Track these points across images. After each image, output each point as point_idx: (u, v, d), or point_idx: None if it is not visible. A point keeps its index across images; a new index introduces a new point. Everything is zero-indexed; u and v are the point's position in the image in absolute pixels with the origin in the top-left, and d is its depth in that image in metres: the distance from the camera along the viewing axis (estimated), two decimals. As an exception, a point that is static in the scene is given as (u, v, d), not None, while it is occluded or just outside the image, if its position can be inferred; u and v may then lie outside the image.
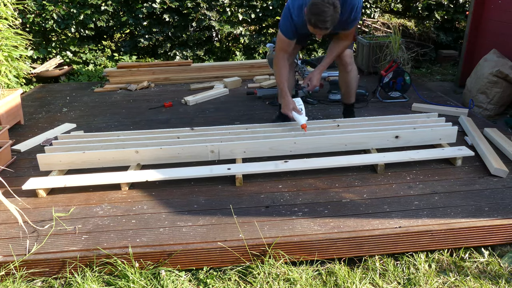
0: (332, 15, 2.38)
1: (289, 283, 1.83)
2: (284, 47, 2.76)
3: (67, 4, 5.14)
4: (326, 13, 2.36)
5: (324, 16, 2.37)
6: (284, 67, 2.78)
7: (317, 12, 2.38)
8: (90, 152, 2.54)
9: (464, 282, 1.83)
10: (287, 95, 2.75)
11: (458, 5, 5.55)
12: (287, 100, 2.75)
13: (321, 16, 2.38)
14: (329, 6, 2.36)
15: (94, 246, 1.91)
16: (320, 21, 2.40)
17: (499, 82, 3.70)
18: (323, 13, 2.36)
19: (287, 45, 2.74)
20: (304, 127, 2.69)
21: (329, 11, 2.36)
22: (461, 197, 2.22)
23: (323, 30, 2.44)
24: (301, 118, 2.73)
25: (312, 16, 2.40)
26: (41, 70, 5.15)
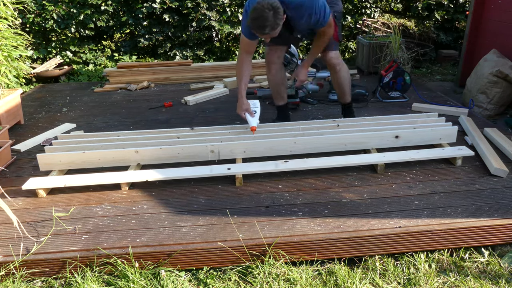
0: (272, 20, 2.37)
1: (289, 283, 1.83)
2: (245, 47, 2.75)
3: (67, 4, 5.13)
4: (264, 18, 2.36)
5: (262, 21, 2.37)
6: (243, 68, 2.76)
7: (255, 16, 2.39)
8: (90, 152, 2.54)
9: (464, 282, 1.83)
10: (241, 97, 2.74)
11: (458, 5, 5.55)
12: (241, 101, 2.74)
13: (258, 21, 2.38)
14: (268, 11, 2.35)
15: (94, 246, 1.91)
16: (258, 26, 2.41)
17: (499, 82, 3.70)
18: (261, 17, 2.37)
19: (247, 45, 2.73)
20: (253, 130, 2.69)
21: (268, 16, 2.36)
22: (461, 197, 2.22)
23: (264, 34, 2.45)
24: (252, 120, 2.73)
25: (251, 20, 2.42)
26: (41, 70, 5.15)
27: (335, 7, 2.87)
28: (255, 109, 2.80)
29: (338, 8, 2.93)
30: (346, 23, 5.54)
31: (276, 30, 2.46)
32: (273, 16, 2.38)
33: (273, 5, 2.38)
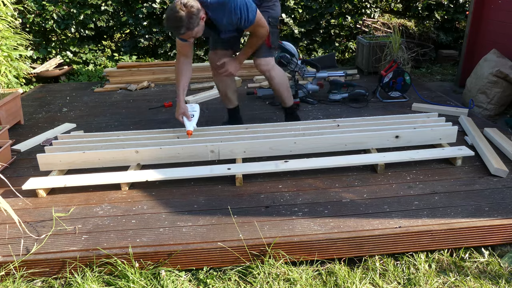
0: (185, 20, 2.33)
1: (289, 283, 1.83)
2: (181, 50, 2.70)
3: (67, 4, 5.13)
4: (177, 18, 2.32)
5: (175, 21, 2.33)
6: (180, 72, 2.72)
7: (168, 17, 2.35)
8: (90, 152, 2.54)
9: (464, 282, 1.83)
10: (179, 101, 2.72)
11: (458, 5, 5.55)
12: (178, 105, 2.72)
13: (171, 21, 2.35)
14: (181, 11, 2.32)
15: (94, 246, 1.91)
16: (171, 27, 2.37)
17: (499, 82, 3.70)
18: (174, 18, 2.33)
19: (181, 47, 2.68)
20: (189, 133, 2.68)
21: (181, 16, 2.32)
22: (461, 197, 2.22)
23: (180, 35, 2.41)
24: (188, 124, 2.72)
25: (165, 21, 2.38)
26: (41, 70, 5.15)
27: (270, 12, 2.81)
28: (193, 113, 2.78)
29: (274, 13, 2.85)
30: (346, 23, 5.55)
31: (194, 30, 2.42)
32: (186, 16, 2.33)
33: (186, 4, 2.33)
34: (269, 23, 2.77)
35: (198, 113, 2.83)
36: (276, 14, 2.89)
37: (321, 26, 5.58)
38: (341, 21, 5.50)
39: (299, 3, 5.39)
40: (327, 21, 5.55)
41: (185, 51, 2.72)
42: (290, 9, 5.39)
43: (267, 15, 2.78)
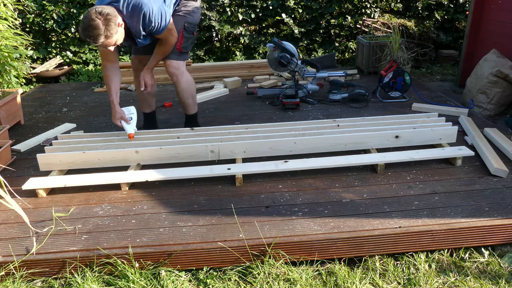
0: (102, 28, 2.29)
1: (289, 283, 1.83)
2: (105, 56, 2.66)
3: (67, 4, 5.14)
4: (94, 27, 2.28)
5: (92, 30, 2.28)
6: (110, 78, 2.68)
7: (84, 26, 2.29)
8: (90, 152, 2.54)
9: (464, 282, 1.83)
10: (114, 105, 2.68)
11: (458, 5, 5.55)
12: (114, 110, 2.68)
13: (88, 31, 2.29)
14: (97, 19, 2.27)
15: (94, 246, 1.91)
16: (88, 36, 2.31)
17: (499, 82, 3.70)
18: (91, 27, 2.28)
19: (105, 54, 2.63)
20: (131, 136, 2.66)
21: (98, 25, 2.27)
22: (461, 197, 2.22)
23: (99, 44, 2.36)
24: (128, 127, 2.69)
25: (81, 30, 2.32)
26: (41, 70, 5.15)
27: (188, 18, 2.80)
28: (130, 115, 2.75)
29: (192, 19, 2.83)
30: (346, 23, 5.55)
31: (113, 38, 2.37)
32: (103, 23, 2.29)
33: (102, 12, 2.29)
34: (185, 28, 2.79)
35: (135, 115, 2.77)
36: (194, 21, 2.87)
37: (321, 26, 5.58)
38: (341, 21, 5.50)
39: (299, 3, 5.39)
40: (327, 21, 5.55)
41: (110, 58, 2.66)
42: (290, 9, 5.39)
43: (184, 21, 2.78)
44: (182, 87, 2.95)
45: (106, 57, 2.67)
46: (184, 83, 2.95)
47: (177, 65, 2.88)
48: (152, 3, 2.47)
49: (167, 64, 2.86)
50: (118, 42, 2.47)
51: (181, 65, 2.90)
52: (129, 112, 2.76)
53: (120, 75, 2.75)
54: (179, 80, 2.92)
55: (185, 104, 3.08)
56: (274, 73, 4.70)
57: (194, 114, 3.16)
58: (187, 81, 2.97)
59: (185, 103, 3.07)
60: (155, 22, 2.52)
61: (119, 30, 2.42)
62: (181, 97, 3.02)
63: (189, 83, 2.98)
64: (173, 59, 2.85)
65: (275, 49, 3.83)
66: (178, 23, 2.76)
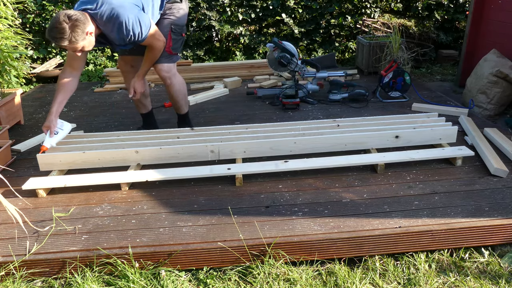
0: (68, 32, 2.27)
1: (289, 283, 1.83)
2: (69, 60, 2.61)
3: (67, 4, 5.13)
4: (59, 30, 2.26)
5: (57, 33, 2.27)
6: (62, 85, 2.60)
7: (50, 27, 2.29)
8: (90, 152, 2.54)
9: (464, 282, 1.83)
10: (50, 113, 2.57)
11: (458, 5, 5.55)
12: (48, 117, 2.58)
13: (53, 32, 2.28)
14: (64, 24, 2.26)
15: (94, 246, 1.91)
16: (53, 37, 2.30)
17: (499, 82, 3.70)
18: (56, 29, 2.27)
19: (71, 58, 2.59)
20: (42, 149, 2.54)
21: (64, 28, 2.26)
22: (461, 197, 2.22)
23: (63, 46, 2.34)
24: (47, 139, 2.58)
25: (47, 31, 2.32)
26: (41, 70, 5.15)
27: (174, 20, 2.78)
28: (59, 130, 2.66)
29: (178, 21, 2.81)
30: (346, 23, 5.54)
31: (79, 44, 2.35)
32: (70, 28, 2.27)
33: (72, 17, 2.28)
34: (172, 30, 2.77)
35: (65, 133, 2.70)
36: (180, 22, 2.84)
37: (321, 26, 5.58)
38: (341, 21, 5.50)
39: (299, 3, 5.39)
40: (327, 21, 5.55)
41: (74, 63, 2.61)
42: (290, 9, 5.39)
43: (170, 23, 2.77)
44: (175, 89, 2.96)
45: (71, 62, 2.62)
46: (177, 85, 2.95)
47: (168, 68, 2.86)
48: (128, 13, 2.44)
49: (158, 69, 2.84)
50: (85, 49, 2.44)
51: (172, 67, 2.89)
52: (60, 126, 2.67)
53: (76, 85, 2.68)
54: (172, 83, 2.92)
55: (179, 105, 3.09)
56: (274, 73, 4.70)
57: (186, 113, 3.19)
58: (179, 82, 2.97)
59: (178, 103, 3.08)
60: (133, 31, 2.49)
61: (87, 38, 2.39)
62: (175, 99, 3.03)
63: (181, 84, 2.99)
64: (164, 63, 2.83)
65: (275, 49, 3.83)
66: (165, 26, 2.75)
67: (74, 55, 2.52)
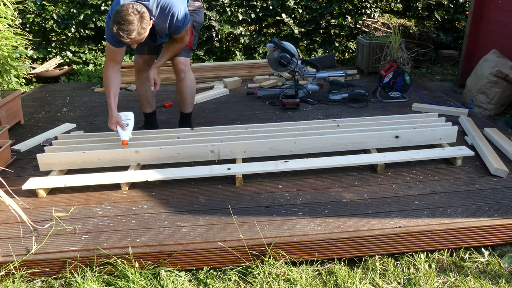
0: (137, 25, 2.29)
1: (289, 283, 1.83)
2: (112, 56, 2.60)
3: (67, 4, 5.13)
4: (129, 22, 2.26)
5: (127, 25, 2.27)
6: (111, 80, 2.61)
7: (119, 20, 2.26)
8: (90, 152, 2.54)
9: (464, 282, 1.83)
10: (112, 109, 2.61)
11: (458, 5, 5.55)
12: (111, 114, 2.61)
13: (122, 25, 2.27)
14: (133, 15, 2.27)
15: (94, 246, 1.91)
16: (122, 30, 2.28)
17: (499, 82, 3.70)
18: (126, 22, 2.26)
19: (114, 53, 2.59)
20: (124, 143, 2.59)
21: (133, 20, 2.27)
22: (461, 197, 2.22)
23: (129, 39, 2.33)
24: (123, 133, 2.61)
25: (115, 24, 2.28)
26: (41, 70, 5.15)
27: (196, 17, 2.87)
28: (127, 121, 2.69)
29: (199, 18, 2.93)
30: (346, 23, 5.54)
31: (143, 36, 2.38)
32: (138, 20, 2.30)
33: (138, 9, 2.30)
34: (194, 26, 2.85)
35: (133, 121, 2.72)
36: (201, 20, 2.97)
37: (321, 26, 5.58)
38: (341, 21, 5.50)
39: (299, 3, 5.39)
40: (327, 21, 5.55)
41: (117, 58, 2.63)
42: (290, 9, 5.39)
43: (193, 19, 2.83)
44: (187, 84, 2.98)
45: (113, 57, 2.62)
46: (189, 80, 2.99)
47: (186, 62, 2.92)
48: (180, 4, 2.52)
49: (178, 61, 2.88)
50: (142, 40, 2.47)
51: (188, 62, 2.95)
52: (126, 118, 2.70)
53: (121, 78, 2.72)
54: (186, 77, 2.95)
55: (186, 102, 3.09)
56: (274, 73, 4.70)
57: (190, 113, 3.19)
58: (191, 79, 3.01)
59: (185, 100, 3.08)
60: (180, 23, 2.56)
61: (148, 29, 2.44)
62: (184, 94, 3.04)
63: (192, 81, 3.02)
64: (183, 56, 2.89)
65: (275, 49, 3.83)
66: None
67: (118, 50, 2.57)
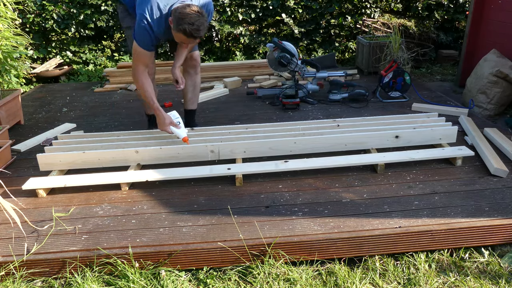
0: (205, 24, 2.36)
1: (289, 283, 1.83)
2: (145, 60, 2.58)
3: (67, 4, 5.13)
4: (201, 22, 2.33)
5: (198, 25, 2.33)
6: (148, 83, 2.62)
7: (191, 22, 2.32)
8: (90, 152, 2.54)
9: (464, 282, 1.83)
10: (160, 111, 2.61)
11: (458, 5, 5.55)
12: (162, 116, 2.61)
13: (199, 25, 2.33)
14: (201, 16, 2.34)
15: (94, 246, 1.91)
16: (195, 30, 2.34)
17: (499, 82, 3.70)
18: (202, 25, 2.34)
19: (148, 58, 2.59)
20: (186, 140, 2.60)
21: (202, 20, 2.34)
22: (461, 197, 2.22)
23: (198, 37, 2.39)
24: (180, 132, 2.64)
25: (187, 25, 2.32)
26: (41, 70, 5.15)
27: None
28: (177, 119, 2.70)
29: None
30: (346, 23, 5.54)
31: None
32: (205, 19, 2.37)
33: (201, 10, 2.37)
34: None
35: (181, 118, 2.75)
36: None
37: (321, 26, 5.58)
38: (341, 21, 5.50)
39: (299, 3, 5.39)
40: (327, 21, 5.55)
41: (149, 61, 2.63)
42: (290, 9, 5.39)
43: None
44: (199, 78, 3.04)
45: (145, 61, 2.58)
46: (199, 75, 3.05)
47: (199, 56, 2.99)
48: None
49: (196, 55, 2.93)
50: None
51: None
52: (174, 117, 2.70)
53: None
54: (198, 71, 3.01)
55: (194, 98, 3.12)
56: (274, 73, 4.70)
57: (195, 110, 3.20)
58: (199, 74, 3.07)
59: (196, 96, 3.12)
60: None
61: None
62: (196, 89, 3.07)
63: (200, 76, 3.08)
64: (197, 50, 2.95)
65: (275, 49, 3.83)
66: None
67: (151, 54, 2.59)
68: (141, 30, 2.46)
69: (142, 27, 2.45)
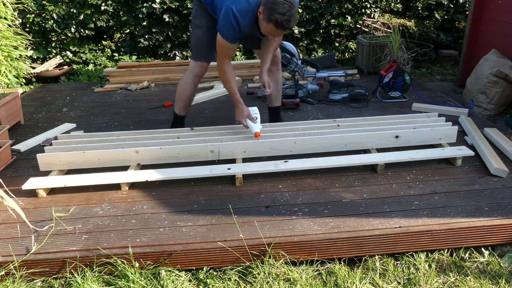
0: (295, 15, 2.33)
1: (289, 283, 1.83)
2: (229, 53, 2.60)
3: (67, 4, 5.13)
4: (291, 13, 2.29)
5: (289, 16, 2.29)
6: (232, 74, 2.65)
7: (283, 12, 2.28)
8: (90, 152, 2.54)
9: (464, 282, 1.83)
10: (241, 103, 2.66)
11: (458, 5, 5.55)
12: (242, 108, 2.66)
13: (286, 16, 2.29)
14: (293, 6, 2.31)
15: (94, 246, 1.91)
16: (286, 21, 2.31)
17: (499, 82, 3.70)
18: (288, 13, 2.29)
19: (231, 50, 2.59)
20: (257, 135, 2.61)
21: (293, 10, 2.30)
22: (461, 197, 2.22)
23: (288, 27, 2.37)
24: (255, 126, 2.65)
25: (279, 16, 2.29)
26: (41, 70, 5.15)
27: None
28: (256, 115, 2.74)
29: None
30: (346, 23, 5.54)
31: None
32: (296, 10, 2.33)
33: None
34: None
35: (259, 115, 2.76)
36: None
37: (321, 26, 5.58)
38: (341, 21, 5.50)
39: (299, 3, 5.39)
40: (327, 21, 5.55)
41: (232, 54, 2.65)
42: (290, 9, 5.39)
43: None
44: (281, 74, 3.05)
45: (229, 53, 2.61)
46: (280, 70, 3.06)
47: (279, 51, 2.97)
48: None
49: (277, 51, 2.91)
50: None
51: None
52: (254, 112, 2.73)
53: None
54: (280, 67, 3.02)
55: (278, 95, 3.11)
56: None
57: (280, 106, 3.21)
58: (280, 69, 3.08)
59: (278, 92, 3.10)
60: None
61: None
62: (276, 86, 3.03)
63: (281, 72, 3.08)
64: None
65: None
66: None
67: (234, 46, 2.58)
68: (227, 22, 2.43)
69: (228, 19, 2.42)
